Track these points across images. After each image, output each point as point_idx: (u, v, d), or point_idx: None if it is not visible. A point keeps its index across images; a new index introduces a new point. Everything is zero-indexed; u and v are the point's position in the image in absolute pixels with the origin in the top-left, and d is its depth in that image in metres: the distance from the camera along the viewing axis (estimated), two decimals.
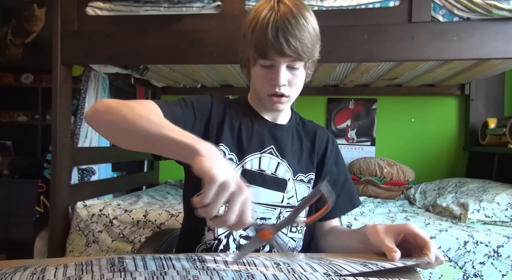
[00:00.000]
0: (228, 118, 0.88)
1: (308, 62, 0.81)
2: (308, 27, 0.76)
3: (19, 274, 0.55)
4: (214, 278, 0.53)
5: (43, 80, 3.00)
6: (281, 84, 0.79)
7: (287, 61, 0.78)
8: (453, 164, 2.51)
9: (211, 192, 0.49)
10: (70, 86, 1.69)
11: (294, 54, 0.76)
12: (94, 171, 1.98)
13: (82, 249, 1.69)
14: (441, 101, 2.53)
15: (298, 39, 0.74)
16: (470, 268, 1.39)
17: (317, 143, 0.93)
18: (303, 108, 2.68)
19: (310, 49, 0.77)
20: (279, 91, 0.81)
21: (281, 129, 0.90)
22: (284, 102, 0.84)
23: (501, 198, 1.62)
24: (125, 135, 0.66)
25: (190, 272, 0.55)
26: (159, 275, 0.54)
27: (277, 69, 0.78)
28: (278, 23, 0.74)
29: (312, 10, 1.28)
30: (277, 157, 0.87)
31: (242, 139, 0.86)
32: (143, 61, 1.81)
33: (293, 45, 0.74)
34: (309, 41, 0.76)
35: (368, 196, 2.28)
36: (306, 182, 0.88)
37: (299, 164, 0.89)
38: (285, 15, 0.74)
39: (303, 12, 0.76)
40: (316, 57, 0.83)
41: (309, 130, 0.95)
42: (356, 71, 2.04)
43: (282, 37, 0.74)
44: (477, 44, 1.35)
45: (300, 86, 0.84)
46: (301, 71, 0.81)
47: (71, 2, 1.60)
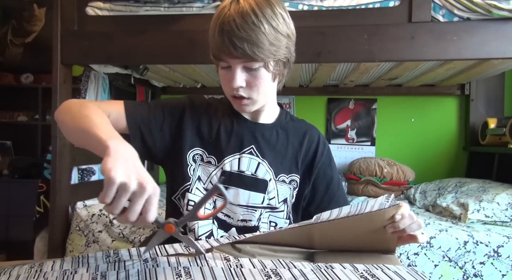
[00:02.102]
0: (206, 120, 0.86)
1: (268, 63, 0.75)
2: (261, 26, 0.71)
3: (18, 268, 0.56)
4: (204, 268, 0.54)
5: (43, 80, 3.00)
6: (235, 86, 0.76)
7: (241, 62, 0.74)
8: (453, 164, 2.51)
9: (110, 192, 0.50)
10: (70, 86, 1.69)
11: (242, 55, 0.72)
12: (94, 171, 1.98)
13: (82, 249, 1.69)
14: (441, 101, 2.53)
15: (245, 39, 0.70)
16: (470, 268, 1.39)
17: (306, 143, 0.89)
18: (303, 108, 2.69)
19: (264, 50, 0.72)
20: (237, 93, 0.78)
21: (263, 129, 0.87)
22: (247, 104, 0.80)
23: (501, 198, 1.62)
24: (70, 133, 0.74)
25: (181, 263, 0.56)
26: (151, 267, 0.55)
27: (232, 71, 0.76)
28: (224, 24, 0.71)
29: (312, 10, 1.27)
30: (257, 157, 0.84)
31: (220, 140, 0.84)
32: (143, 61, 1.80)
33: (239, 46, 0.71)
34: (261, 41, 0.71)
35: (368, 196, 2.28)
36: (288, 183, 0.86)
37: (282, 164, 0.86)
38: (231, 15, 0.71)
39: (260, 9, 0.71)
40: (282, 56, 0.77)
41: (298, 130, 0.91)
42: (356, 71, 2.04)
43: (227, 38, 0.71)
44: (477, 44, 1.35)
45: (264, 88, 0.79)
46: (261, 73, 0.76)
47: (71, 2, 1.60)
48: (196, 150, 0.84)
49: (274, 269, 0.54)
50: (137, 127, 0.83)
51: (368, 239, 0.65)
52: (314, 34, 1.42)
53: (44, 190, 1.89)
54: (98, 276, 0.52)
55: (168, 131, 0.85)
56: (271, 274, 0.53)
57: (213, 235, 0.81)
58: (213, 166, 0.83)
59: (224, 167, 0.83)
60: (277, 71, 0.79)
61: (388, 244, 0.66)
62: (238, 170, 0.83)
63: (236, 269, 0.54)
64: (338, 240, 0.65)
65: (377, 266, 0.56)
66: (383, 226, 0.64)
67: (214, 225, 0.82)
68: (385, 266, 0.56)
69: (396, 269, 0.54)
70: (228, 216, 0.83)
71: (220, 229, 0.83)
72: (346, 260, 0.60)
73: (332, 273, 0.53)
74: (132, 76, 2.07)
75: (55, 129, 1.63)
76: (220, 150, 0.84)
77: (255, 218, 0.82)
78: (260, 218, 0.83)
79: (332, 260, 0.60)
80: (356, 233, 0.64)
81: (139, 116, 0.83)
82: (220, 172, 0.83)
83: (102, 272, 0.53)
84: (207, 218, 0.65)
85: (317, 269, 0.54)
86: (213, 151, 0.84)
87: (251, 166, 0.83)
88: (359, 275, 0.53)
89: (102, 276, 0.52)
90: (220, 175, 0.83)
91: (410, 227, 0.65)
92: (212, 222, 0.82)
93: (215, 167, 0.83)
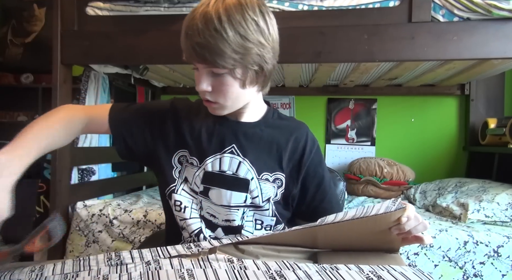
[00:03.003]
0: (187, 122, 0.86)
1: (235, 70, 0.72)
2: (223, 33, 0.67)
3: (18, 272, 0.55)
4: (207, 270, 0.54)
5: (43, 80, 3.01)
6: (199, 90, 0.75)
7: (206, 67, 0.73)
8: (453, 164, 2.50)
9: None
10: (70, 86, 1.69)
11: (203, 62, 0.71)
12: (94, 171, 1.98)
13: (82, 249, 1.69)
14: (441, 101, 2.53)
15: (205, 46, 0.68)
16: (470, 268, 1.39)
17: (293, 142, 0.86)
18: (303, 108, 2.69)
19: (225, 57, 0.69)
20: (204, 97, 0.77)
21: (245, 127, 0.85)
22: (216, 108, 0.79)
23: (501, 198, 1.62)
24: None
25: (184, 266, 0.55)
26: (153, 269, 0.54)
27: (199, 74, 0.75)
28: (188, 28, 0.70)
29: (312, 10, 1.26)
30: (239, 156, 0.83)
31: (202, 141, 0.84)
32: (143, 61, 1.80)
33: (199, 52, 0.69)
34: (221, 48, 0.68)
35: (368, 196, 2.28)
36: (272, 181, 0.84)
37: (265, 162, 0.84)
38: (196, 19, 0.69)
39: (226, 15, 0.68)
40: (251, 64, 0.73)
41: (284, 128, 0.88)
42: (356, 71, 2.04)
43: (189, 43, 0.70)
44: (477, 44, 1.35)
45: (231, 94, 0.76)
46: (226, 79, 0.73)
47: (71, 2, 1.60)
48: (181, 152, 0.85)
49: (278, 271, 0.54)
50: (119, 130, 0.86)
51: (372, 239, 0.65)
52: (314, 34, 1.42)
53: (44, 190, 1.89)
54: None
55: (149, 135, 0.86)
56: (275, 276, 0.52)
57: (202, 233, 0.82)
58: (196, 167, 0.83)
59: (206, 167, 0.83)
60: (246, 78, 0.75)
61: (393, 244, 0.66)
62: (220, 170, 0.82)
63: (240, 271, 0.53)
64: (342, 239, 0.65)
65: (383, 267, 0.56)
66: (388, 227, 0.64)
67: (202, 223, 0.84)
68: (391, 267, 0.56)
69: (402, 270, 0.54)
70: (213, 216, 0.83)
71: (207, 229, 0.84)
72: (351, 260, 0.59)
73: (337, 274, 0.52)
74: (132, 76, 2.07)
75: None
76: (202, 151, 0.83)
77: (238, 217, 0.82)
78: (243, 217, 0.83)
79: (336, 261, 0.59)
80: (360, 233, 0.64)
81: (121, 119, 0.87)
82: (203, 173, 0.83)
83: (104, 275, 0.53)
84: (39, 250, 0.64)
85: (322, 270, 0.54)
86: (195, 152, 0.84)
87: (232, 165, 0.83)
88: (365, 276, 0.52)
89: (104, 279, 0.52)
90: (202, 175, 0.82)
91: (416, 228, 0.65)
92: (200, 220, 0.83)
93: (197, 168, 0.83)
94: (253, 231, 0.84)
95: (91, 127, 0.88)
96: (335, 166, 2.61)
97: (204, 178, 0.83)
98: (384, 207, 0.60)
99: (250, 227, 0.84)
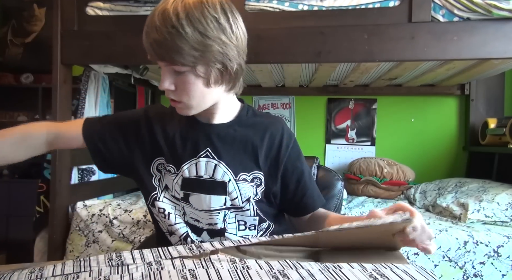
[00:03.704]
0: (161, 129, 0.86)
1: (196, 67, 0.71)
2: (180, 29, 0.67)
3: (17, 274, 0.55)
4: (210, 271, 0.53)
5: (43, 80, 3.00)
6: (161, 88, 0.74)
7: (167, 65, 0.72)
8: (453, 164, 2.50)
9: None
10: (70, 86, 1.69)
11: (162, 59, 0.71)
12: (94, 171, 1.98)
13: (82, 249, 1.69)
14: (441, 101, 2.53)
15: (162, 43, 0.68)
16: (470, 268, 1.39)
17: (268, 138, 0.84)
18: (303, 108, 2.69)
19: (183, 54, 0.68)
20: (168, 96, 0.77)
21: (218, 129, 0.83)
22: (181, 108, 0.78)
23: (501, 198, 1.62)
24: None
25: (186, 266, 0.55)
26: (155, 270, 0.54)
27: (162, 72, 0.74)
28: (147, 26, 0.70)
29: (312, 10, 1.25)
30: (214, 159, 0.81)
31: (176, 147, 0.83)
32: (143, 61, 1.80)
33: (157, 49, 0.69)
34: (179, 45, 0.67)
35: (368, 196, 2.28)
36: (250, 181, 0.82)
37: (242, 163, 0.82)
38: (154, 17, 0.69)
39: (185, 12, 0.67)
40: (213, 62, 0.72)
41: (259, 125, 0.86)
42: (356, 71, 2.04)
43: (148, 41, 0.71)
44: (477, 44, 1.35)
45: (195, 93, 0.74)
46: (188, 77, 0.72)
47: (71, 2, 1.60)
48: (158, 160, 0.85)
49: (281, 270, 0.53)
50: (94, 143, 0.86)
51: (373, 238, 0.65)
52: (314, 34, 1.42)
53: (44, 190, 1.88)
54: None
55: (124, 146, 0.86)
56: (278, 275, 0.52)
57: (190, 237, 0.83)
58: (173, 174, 0.83)
59: (183, 173, 0.82)
60: (210, 77, 0.73)
61: (394, 243, 0.66)
62: (197, 175, 0.81)
63: (243, 271, 0.53)
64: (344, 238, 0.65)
65: (386, 265, 0.55)
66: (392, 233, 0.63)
67: (187, 228, 0.84)
68: (393, 264, 0.55)
69: (405, 268, 0.53)
70: (197, 220, 0.83)
71: (193, 233, 0.83)
72: (353, 258, 0.59)
73: (340, 273, 0.52)
74: (132, 76, 2.07)
75: None
76: (177, 157, 0.83)
77: (219, 220, 0.82)
78: (225, 220, 0.82)
79: (338, 259, 0.59)
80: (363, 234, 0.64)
81: (95, 132, 0.86)
82: (181, 179, 0.82)
83: (106, 276, 0.52)
84: None
85: (325, 269, 0.53)
86: (170, 159, 0.83)
87: (208, 170, 0.81)
88: (368, 274, 0.52)
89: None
90: (181, 182, 0.82)
91: (421, 238, 0.63)
92: (185, 225, 0.83)
93: (175, 175, 0.83)
94: (236, 232, 0.84)
95: (60, 143, 0.88)
96: (335, 166, 2.61)
97: (183, 184, 0.82)
98: (390, 219, 0.59)
99: (233, 228, 0.84)
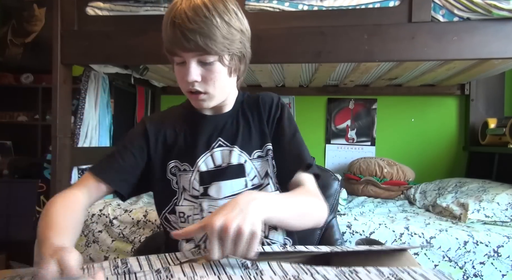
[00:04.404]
0: (168, 132, 0.87)
1: (223, 56, 0.76)
2: (213, 19, 0.72)
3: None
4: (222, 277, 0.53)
5: (43, 80, 3.00)
6: (190, 80, 0.75)
7: (195, 56, 0.74)
8: (453, 164, 2.50)
9: None
10: (70, 86, 1.69)
11: (196, 48, 0.72)
12: None
13: (82, 249, 1.69)
14: (441, 101, 2.53)
15: (197, 31, 0.71)
16: (470, 268, 1.39)
17: (262, 108, 0.88)
18: (303, 108, 2.69)
19: (217, 42, 0.73)
20: (192, 88, 0.78)
21: (224, 118, 0.87)
22: (204, 100, 0.80)
23: (501, 198, 1.62)
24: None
25: (197, 273, 0.54)
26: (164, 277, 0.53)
27: (186, 65, 0.76)
28: (176, 17, 0.72)
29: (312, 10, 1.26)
30: (227, 146, 0.84)
31: (188, 146, 0.85)
32: (143, 61, 1.80)
33: (191, 38, 0.71)
34: (214, 33, 0.72)
35: (368, 196, 2.28)
36: (264, 156, 0.85)
37: (252, 142, 0.86)
38: (183, 9, 0.72)
39: (211, 3, 0.73)
40: (237, 51, 0.78)
41: (253, 102, 0.90)
42: (356, 71, 2.04)
43: (179, 32, 0.72)
44: (477, 44, 1.35)
45: (221, 82, 0.79)
46: (216, 67, 0.76)
47: (71, 2, 1.60)
48: (172, 163, 0.85)
49: (296, 276, 0.52)
50: (117, 182, 0.83)
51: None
52: (314, 34, 1.42)
53: (44, 190, 1.88)
54: None
55: (142, 164, 0.86)
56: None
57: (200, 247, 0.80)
58: (189, 171, 0.83)
59: (200, 168, 0.83)
60: (232, 66, 0.79)
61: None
62: (215, 166, 0.83)
63: (256, 277, 0.52)
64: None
65: (403, 269, 0.54)
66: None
67: None
68: (411, 269, 0.54)
69: (423, 272, 0.52)
70: None
71: None
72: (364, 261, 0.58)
73: (357, 278, 0.52)
74: (132, 76, 2.07)
75: (55, 130, 1.63)
76: (190, 154, 0.84)
77: None
78: None
79: (350, 262, 0.58)
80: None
81: (112, 170, 0.84)
82: (198, 174, 0.82)
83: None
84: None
85: (341, 274, 0.52)
86: (184, 158, 0.84)
87: (225, 158, 0.84)
88: (386, 279, 0.51)
89: None
90: (198, 177, 0.82)
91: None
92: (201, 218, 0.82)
93: (191, 172, 0.83)
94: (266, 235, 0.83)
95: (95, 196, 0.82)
96: (335, 165, 2.61)
97: (201, 178, 0.82)
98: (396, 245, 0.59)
99: None
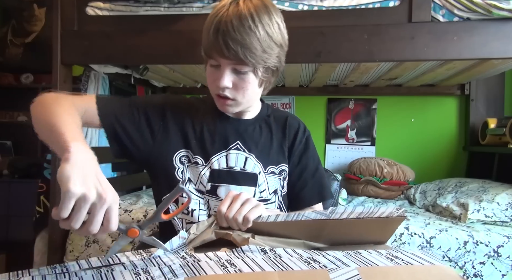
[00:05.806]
0: (189, 121, 0.86)
1: (258, 68, 0.76)
2: (256, 32, 0.71)
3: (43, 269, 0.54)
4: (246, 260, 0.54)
5: (43, 80, 3.00)
6: (222, 86, 0.76)
7: (231, 64, 0.75)
8: (453, 164, 2.50)
9: (68, 206, 0.47)
10: (70, 86, 1.69)
11: (234, 58, 0.73)
12: None
13: (82, 249, 1.69)
14: (441, 101, 2.53)
15: (239, 42, 0.71)
16: (470, 268, 1.39)
17: (288, 130, 0.91)
18: (303, 108, 2.69)
19: (256, 55, 0.73)
20: (222, 93, 0.78)
21: (246, 124, 0.88)
22: (230, 105, 0.81)
23: (501, 198, 1.62)
24: (38, 127, 0.68)
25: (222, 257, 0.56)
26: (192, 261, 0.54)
27: (221, 70, 0.76)
28: (221, 24, 0.72)
29: (312, 10, 1.26)
30: (244, 152, 0.85)
31: (205, 140, 0.85)
32: (143, 61, 1.80)
33: (232, 48, 0.71)
34: (255, 46, 0.72)
35: (368, 196, 2.28)
36: (278, 174, 0.87)
37: (270, 156, 0.87)
38: (229, 17, 0.71)
39: (257, 15, 0.72)
40: (272, 64, 0.78)
41: (279, 119, 0.93)
42: (356, 71, 2.04)
43: (221, 39, 0.72)
44: (477, 44, 1.35)
45: (251, 92, 0.79)
46: (249, 77, 0.77)
47: (71, 2, 1.60)
48: (182, 152, 0.84)
49: (310, 257, 0.56)
50: (112, 127, 0.81)
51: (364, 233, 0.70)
52: (314, 34, 1.42)
53: (44, 190, 1.88)
54: None
55: (148, 133, 0.83)
56: (309, 260, 0.54)
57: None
58: (201, 166, 0.84)
59: (212, 165, 0.83)
60: (264, 78, 0.79)
61: (384, 237, 0.71)
62: (227, 167, 0.84)
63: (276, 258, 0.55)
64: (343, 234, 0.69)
65: (396, 250, 0.60)
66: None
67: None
68: (400, 250, 0.60)
69: (412, 252, 0.59)
70: None
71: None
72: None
73: (362, 257, 0.56)
74: (132, 76, 2.07)
75: None
76: (206, 150, 0.84)
77: None
78: None
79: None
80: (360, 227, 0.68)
81: (113, 114, 0.81)
82: (209, 171, 0.83)
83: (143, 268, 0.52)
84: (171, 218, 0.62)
85: (348, 255, 0.57)
86: (198, 151, 0.84)
87: (239, 161, 0.84)
88: (385, 257, 0.56)
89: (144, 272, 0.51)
90: (209, 174, 0.83)
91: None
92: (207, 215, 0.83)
93: (203, 167, 0.84)
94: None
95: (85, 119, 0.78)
96: (335, 166, 2.61)
97: (211, 176, 0.83)
98: (388, 211, 0.66)
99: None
